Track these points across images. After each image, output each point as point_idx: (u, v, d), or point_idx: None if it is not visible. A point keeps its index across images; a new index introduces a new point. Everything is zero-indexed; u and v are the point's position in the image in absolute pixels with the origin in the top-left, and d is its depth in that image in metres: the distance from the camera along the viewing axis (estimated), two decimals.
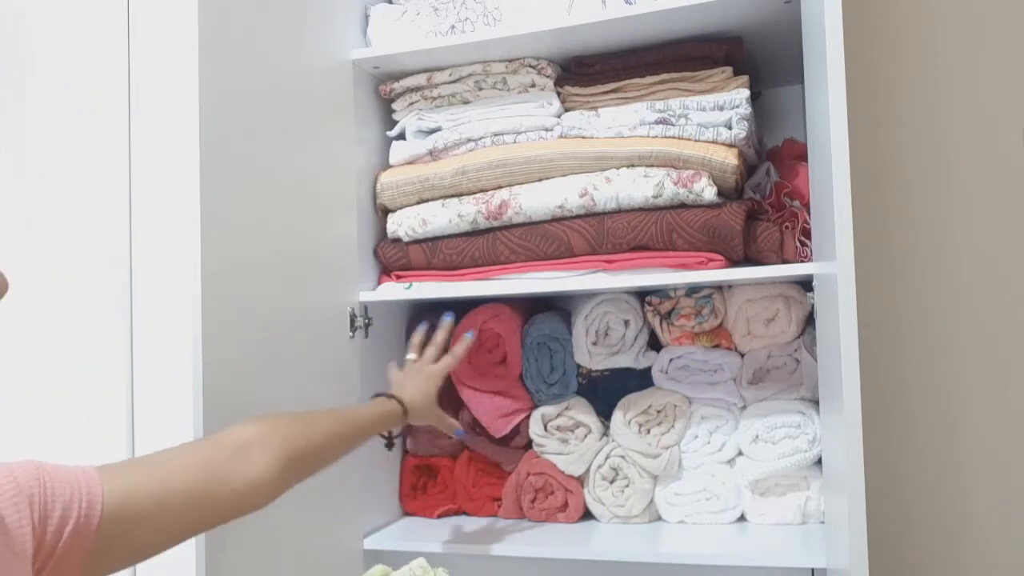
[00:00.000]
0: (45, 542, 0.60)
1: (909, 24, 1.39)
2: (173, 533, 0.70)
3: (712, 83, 1.19)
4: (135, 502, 0.67)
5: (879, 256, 1.37)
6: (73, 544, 0.62)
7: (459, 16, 1.26)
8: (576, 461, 1.29)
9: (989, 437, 1.33)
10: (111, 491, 0.65)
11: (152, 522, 0.68)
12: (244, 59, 1.02)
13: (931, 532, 1.35)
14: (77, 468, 0.65)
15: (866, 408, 0.83)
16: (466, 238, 1.26)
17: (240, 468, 0.77)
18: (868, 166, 1.37)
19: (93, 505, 0.64)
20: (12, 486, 0.60)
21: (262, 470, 0.78)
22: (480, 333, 1.34)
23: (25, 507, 0.60)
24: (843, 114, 0.84)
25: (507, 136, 1.25)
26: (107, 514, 0.64)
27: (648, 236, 1.16)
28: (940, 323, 1.36)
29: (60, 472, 0.64)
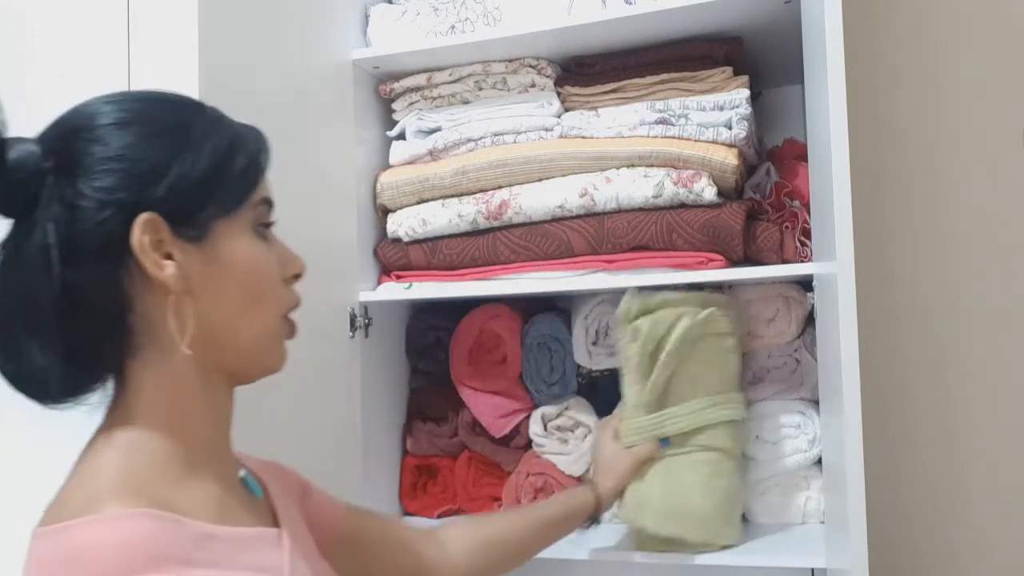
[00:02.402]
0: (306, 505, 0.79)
1: (909, 24, 1.39)
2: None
3: (712, 83, 1.19)
4: (367, 527, 0.86)
5: (879, 256, 1.37)
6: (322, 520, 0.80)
7: (459, 16, 1.26)
8: (576, 461, 1.29)
9: (989, 437, 1.33)
10: (352, 508, 0.86)
11: (373, 552, 0.86)
12: (244, 59, 1.02)
13: (931, 532, 1.35)
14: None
15: (866, 408, 0.83)
16: (466, 238, 1.26)
17: (440, 553, 0.91)
18: (868, 166, 1.37)
19: (337, 503, 0.84)
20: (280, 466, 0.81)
21: (456, 559, 0.92)
22: (480, 333, 1.34)
23: (294, 473, 0.81)
24: (843, 114, 0.84)
25: (507, 136, 1.25)
26: (348, 516, 0.84)
27: (648, 236, 1.16)
28: (940, 323, 1.36)
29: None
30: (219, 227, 0.64)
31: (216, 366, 0.65)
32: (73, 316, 0.59)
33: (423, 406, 1.40)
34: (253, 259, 0.66)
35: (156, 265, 0.60)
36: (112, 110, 0.62)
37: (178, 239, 0.61)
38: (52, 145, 0.61)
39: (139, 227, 0.59)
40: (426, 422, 1.39)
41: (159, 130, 0.63)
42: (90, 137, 0.61)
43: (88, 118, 0.62)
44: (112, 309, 0.61)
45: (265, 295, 0.67)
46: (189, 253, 0.62)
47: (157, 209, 0.60)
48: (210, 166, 0.63)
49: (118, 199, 0.59)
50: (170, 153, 0.62)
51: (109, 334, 0.62)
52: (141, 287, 0.61)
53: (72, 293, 0.59)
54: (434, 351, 1.40)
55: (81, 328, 0.60)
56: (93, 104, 0.64)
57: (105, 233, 0.59)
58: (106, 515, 0.55)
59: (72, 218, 0.58)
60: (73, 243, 0.58)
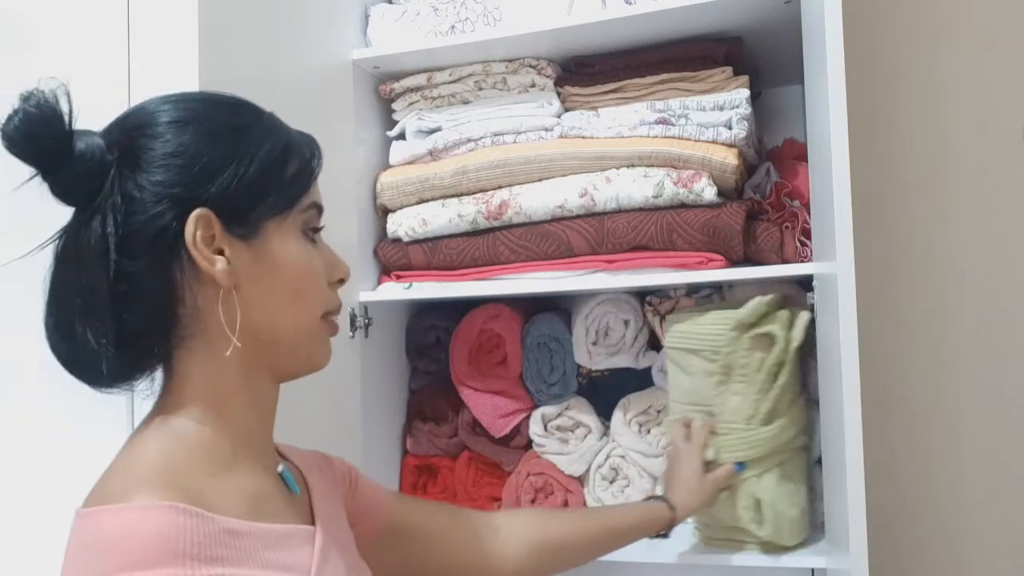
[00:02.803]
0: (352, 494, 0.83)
1: (909, 24, 1.39)
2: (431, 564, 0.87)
3: (712, 83, 1.19)
4: (414, 516, 0.87)
5: (879, 256, 1.37)
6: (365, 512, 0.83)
7: (459, 16, 1.26)
8: (576, 461, 1.29)
9: (989, 437, 1.33)
10: (399, 497, 0.88)
11: (421, 542, 0.86)
12: (244, 59, 1.02)
13: (931, 531, 1.35)
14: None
15: (866, 408, 0.83)
16: (466, 238, 1.26)
17: (495, 541, 0.90)
18: (868, 166, 1.37)
19: (382, 492, 0.86)
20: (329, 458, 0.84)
21: (511, 553, 0.91)
22: (480, 333, 1.34)
23: (342, 464, 0.84)
24: (843, 114, 0.84)
25: (507, 136, 1.25)
26: (393, 505, 0.86)
27: (648, 236, 1.16)
28: (940, 323, 1.36)
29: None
30: (269, 227, 0.66)
31: (260, 360, 0.67)
32: (126, 304, 0.62)
33: (423, 406, 1.40)
34: (299, 260, 0.68)
35: (207, 259, 0.63)
36: (172, 108, 0.65)
37: (229, 236, 0.64)
38: (115, 139, 0.63)
39: (192, 222, 0.62)
40: (426, 422, 1.39)
41: (217, 130, 0.65)
42: (151, 133, 0.64)
43: (150, 115, 0.65)
44: (163, 299, 0.64)
45: (308, 294, 0.69)
46: (239, 250, 0.65)
47: (210, 205, 0.63)
48: (264, 168, 0.66)
49: (173, 194, 0.62)
50: (226, 153, 0.64)
51: (159, 323, 0.64)
52: (192, 280, 0.64)
53: (126, 282, 0.62)
54: (434, 351, 1.40)
55: (133, 316, 0.63)
56: (155, 102, 0.67)
57: (160, 226, 0.62)
58: (135, 504, 0.56)
59: (130, 210, 0.61)
60: (130, 234, 0.61)
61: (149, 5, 0.98)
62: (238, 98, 0.70)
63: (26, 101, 0.62)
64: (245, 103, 0.70)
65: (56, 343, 0.64)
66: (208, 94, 0.70)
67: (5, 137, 0.61)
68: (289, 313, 0.68)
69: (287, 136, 0.70)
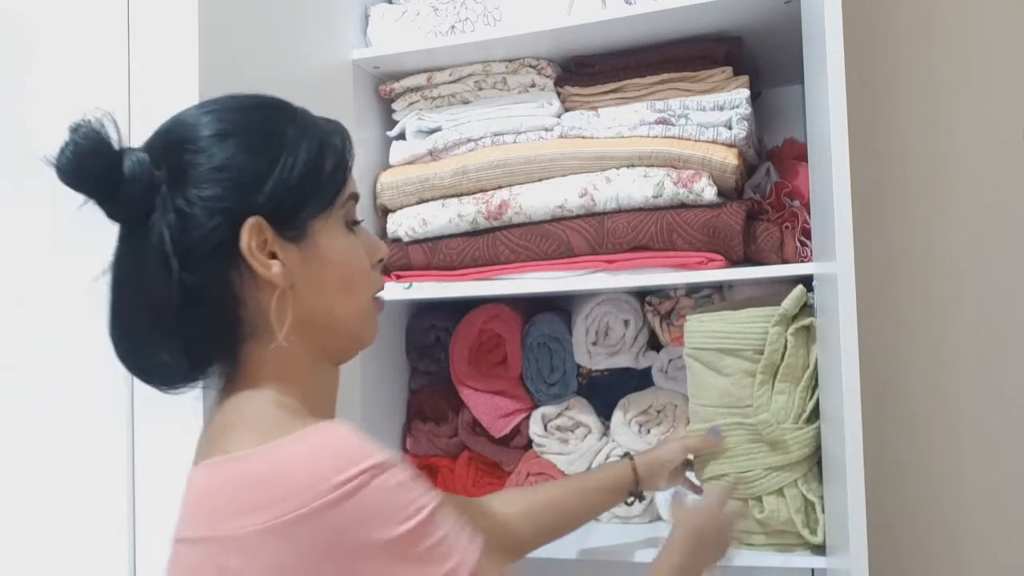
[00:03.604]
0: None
1: (909, 24, 1.39)
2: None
3: (712, 83, 1.19)
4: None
5: (879, 256, 1.37)
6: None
7: (459, 16, 1.26)
8: (576, 461, 1.29)
9: (989, 436, 1.33)
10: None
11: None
12: (244, 59, 1.02)
13: (931, 531, 1.35)
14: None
15: (866, 408, 0.83)
16: (466, 238, 1.26)
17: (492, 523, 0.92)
18: (868, 166, 1.37)
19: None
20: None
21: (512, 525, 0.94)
22: (480, 333, 1.34)
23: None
24: (843, 114, 0.84)
25: (507, 136, 1.25)
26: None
27: (648, 236, 1.16)
28: (940, 323, 1.36)
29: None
30: (315, 225, 0.70)
31: (320, 346, 0.72)
32: (191, 315, 0.65)
33: (423, 406, 1.40)
34: (346, 252, 0.72)
35: (263, 265, 0.66)
36: (212, 120, 0.68)
37: (279, 239, 0.67)
38: (159, 156, 0.66)
39: (247, 231, 0.65)
40: (426, 422, 1.39)
41: (258, 138, 0.68)
42: (195, 148, 0.66)
43: (190, 129, 0.67)
44: (226, 306, 0.67)
45: (356, 283, 0.74)
46: (289, 251, 0.68)
47: (261, 213, 0.66)
48: (305, 169, 0.69)
49: (225, 207, 0.65)
50: (270, 160, 0.67)
51: (224, 327, 0.68)
52: (250, 284, 0.67)
53: (189, 294, 0.64)
54: (434, 351, 1.40)
55: (199, 325, 0.66)
56: (192, 115, 0.69)
57: (216, 238, 0.65)
58: (308, 430, 0.60)
59: (184, 226, 0.64)
60: (188, 249, 0.64)
61: (149, 5, 0.98)
62: (270, 99, 0.73)
63: (75, 132, 0.64)
64: (277, 103, 0.72)
65: (127, 357, 0.68)
66: (242, 99, 0.72)
67: (59, 171, 0.63)
68: (342, 303, 0.72)
69: (320, 131, 0.72)
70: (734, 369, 1.08)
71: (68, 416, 0.99)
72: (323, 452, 0.59)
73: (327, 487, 0.57)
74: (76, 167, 0.63)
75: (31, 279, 1.02)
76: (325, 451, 0.59)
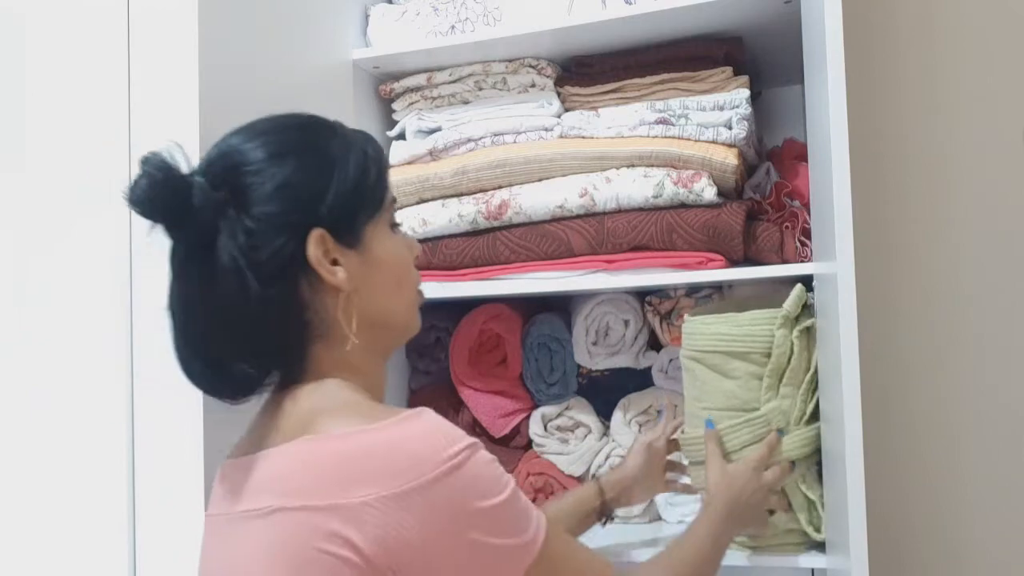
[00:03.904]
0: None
1: (909, 24, 1.39)
2: None
3: (712, 83, 1.19)
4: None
5: (879, 256, 1.37)
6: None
7: (459, 16, 1.26)
8: (576, 461, 1.29)
9: (989, 436, 1.33)
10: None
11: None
12: (244, 59, 1.02)
13: (931, 531, 1.35)
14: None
15: (866, 408, 0.83)
16: (466, 238, 1.26)
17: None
18: (868, 166, 1.37)
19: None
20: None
21: None
22: (480, 333, 1.34)
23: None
24: (843, 114, 0.84)
25: (507, 136, 1.25)
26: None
27: (648, 236, 1.16)
28: (940, 323, 1.36)
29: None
30: (368, 231, 0.75)
31: (376, 343, 0.77)
32: (268, 325, 0.70)
33: (423, 406, 1.40)
34: (395, 252, 0.78)
35: (330, 272, 0.71)
36: (263, 144, 0.72)
37: (339, 246, 0.72)
38: (217, 180, 0.70)
39: (313, 243, 0.70)
40: None
41: (311, 155, 0.73)
42: (253, 171, 0.70)
43: (245, 154, 0.72)
44: (297, 313, 0.72)
45: (406, 280, 0.80)
46: (350, 257, 0.73)
47: (323, 224, 0.71)
48: (356, 179, 0.74)
49: (291, 222, 0.70)
50: (326, 174, 0.72)
51: (296, 333, 0.72)
52: (317, 290, 0.72)
53: (265, 306, 0.69)
54: (434, 351, 1.40)
55: (275, 334, 0.71)
56: (239, 139, 0.73)
57: (286, 252, 0.69)
58: (401, 417, 0.67)
59: (255, 243, 0.68)
60: (260, 264, 0.68)
61: (149, 5, 0.98)
62: (307, 116, 0.77)
63: (146, 164, 0.67)
64: (316, 120, 0.77)
65: (204, 377, 0.72)
66: (282, 120, 0.76)
67: (132, 203, 0.67)
68: (396, 300, 0.78)
69: (357, 142, 0.77)
70: (741, 372, 1.07)
71: (68, 416, 0.99)
72: (433, 431, 0.66)
73: (440, 459, 0.64)
74: (150, 199, 0.66)
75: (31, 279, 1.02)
76: (434, 431, 0.66)
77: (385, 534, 0.61)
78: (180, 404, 0.92)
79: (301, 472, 0.65)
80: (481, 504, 0.65)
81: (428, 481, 0.63)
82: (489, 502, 0.65)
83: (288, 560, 0.62)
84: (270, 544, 0.64)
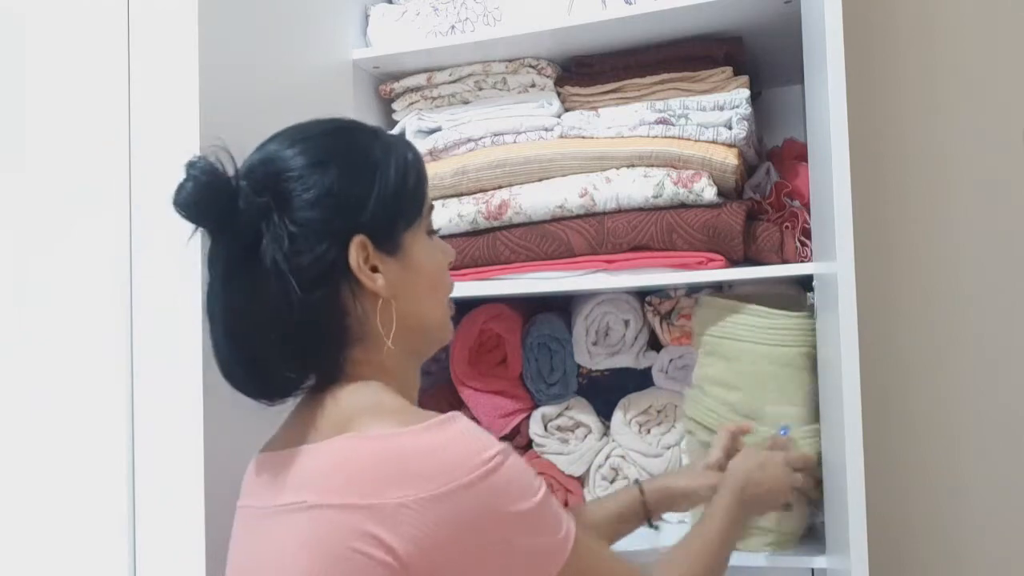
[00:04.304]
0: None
1: (909, 24, 1.39)
2: None
3: (712, 83, 1.19)
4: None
5: (879, 256, 1.37)
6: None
7: (459, 16, 1.26)
8: (576, 461, 1.29)
9: (989, 437, 1.33)
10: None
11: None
12: (244, 59, 1.02)
13: (931, 532, 1.35)
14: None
15: (866, 408, 0.83)
16: (466, 238, 1.26)
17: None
18: (868, 166, 1.37)
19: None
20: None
21: None
22: (480, 333, 1.34)
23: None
24: (843, 114, 0.84)
25: (507, 136, 1.25)
26: None
27: (648, 236, 1.16)
28: (940, 323, 1.36)
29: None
30: (407, 238, 0.76)
31: (411, 347, 0.78)
32: (309, 329, 0.70)
33: (423, 406, 1.38)
34: (432, 259, 0.79)
35: (370, 279, 0.72)
36: (305, 150, 0.73)
37: (379, 253, 0.73)
38: (259, 186, 0.70)
39: (354, 249, 0.71)
40: None
41: (353, 163, 0.73)
42: (295, 177, 0.71)
43: (287, 161, 0.72)
44: (337, 317, 0.72)
45: (441, 286, 0.81)
46: (389, 264, 0.74)
47: (364, 231, 0.72)
48: (397, 186, 0.75)
49: (333, 229, 0.71)
50: (367, 181, 0.73)
51: (336, 337, 0.73)
52: (357, 295, 0.73)
53: (307, 311, 0.70)
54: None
55: (316, 337, 0.71)
56: (280, 145, 0.74)
57: (329, 260, 0.70)
58: (434, 422, 0.67)
59: (298, 248, 0.69)
60: (302, 269, 0.69)
61: (149, 5, 0.98)
62: (347, 122, 0.79)
63: (192, 167, 0.68)
64: (356, 125, 0.79)
65: (248, 381, 0.73)
66: (324, 125, 0.77)
67: (178, 207, 0.68)
68: (431, 305, 0.79)
69: (396, 147, 0.77)
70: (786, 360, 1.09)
71: (68, 416, 0.99)
72: (467, 436, 0.67)
73: (475, 464, 0.64)
74: (195, 203, 0.67)
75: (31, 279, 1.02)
76: (468, 436, 0.67)
77: (421, 535, 0.62)
78: (180, 404, 0.93)
79: (339, 471, 0.66)
80: (515, 508, 0.66)
81: (463, 484, 0.63)
82: (523, 505, 0.66)
83: (322, 557, 0.63)
84: (305, 540, 0.64)
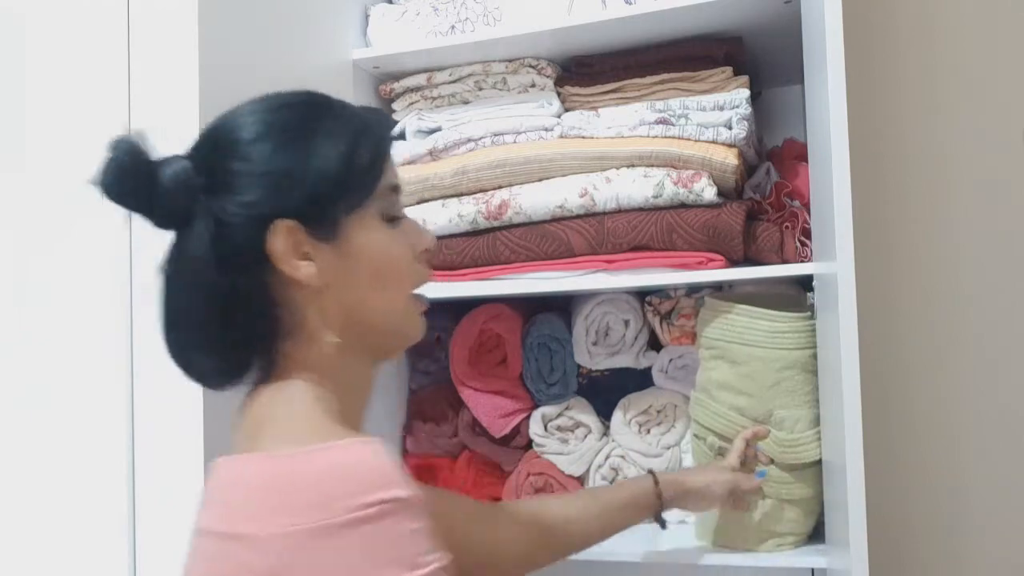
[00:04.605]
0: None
1: (909, 24, 1.39)
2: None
3: (712, 83, 1.19)
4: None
5: (879, 256, 1.37)
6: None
7: (459, 16, 1.26)
8: (576, 461, 1.29)
9: (989, 436, 1.33)
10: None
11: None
12: (244, 59, 1.02)
13: (931, 532, 1.35)
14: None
15: (866, 408, 0.83)
16: (466, 238, 1.26)
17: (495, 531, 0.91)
18: (868, 166, 1.37)
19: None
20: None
21: (512, 535, 0.92)
22: (480, 333, 1.34)
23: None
24: (843, 114, 0.84)
25: (507, 136, 1.25)
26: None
27: (648, 236, 1.16)
28: (940, 323, 1.36)
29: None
30: (350, 223, 0.69)
31: (356, 343, 0.71)
32: (233, 317, 0.67)
33: (423, 406, 1.40)
34: (381, 248, 0.71)
35: (293, 268, 0.67)
36: (250, 123, 0.68)
37: (312, 239, 0.67)
38: (201, 162, 0.67)
39: (279, 236, 0.66)
40: (426, 422, 1.39)
41: (292, 137, 0.68)
42: (232, 154, 0.67)
43: (229, 133, 0.68)
44: (262, 307, 0.68)
45: (391, 278, 0.72)
46: (323, 251, 0.68)
47: (294, 215, 0.66)
48: (339, 167, 0.68)
49: (259, 212, 0.65)
50: (304, 160, 0.67)
51: (264, 328, 0.68)
52: (285, 285, 0.68)
53: (230, 298, 0.66)
54: (434, 351, 1.40)
55: (240, 327, 0.67)
56: (234, 116, 0.69)
57: (251, 244, 0.65)
58: (345, 443, 0.60)
59: (222, 232, 0.65)
60: (226, 254, 0.65)
61: (149, 5, 0.98)
62: (308, 95, 0.72)
63: (114, 149, 0.65)
64: (314, 99, 0.72)
65: (177, 358, 0.69)
66: (282, 97, 0.71)
67: (101, 188, 0.64)
68: (377, 299, 0.71)
69: (356, 123, 0.71)
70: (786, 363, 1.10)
71: (68, 415, 0.99)
72: (356, 469, 0.58)
73: (354, 504, 0.56)
74: (116, 183, 0.64)
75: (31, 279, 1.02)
76: (357, 468, 0.58)
77: (288, 570, 0.56)
78: (180, 404, 0.92)
79: (220, 493, 0.63)
80: (389, 571, 0.56)
81: (334, 525, 0.56)
82: (399, 573, 0.56)
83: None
84: (194, 567, 0.62)
